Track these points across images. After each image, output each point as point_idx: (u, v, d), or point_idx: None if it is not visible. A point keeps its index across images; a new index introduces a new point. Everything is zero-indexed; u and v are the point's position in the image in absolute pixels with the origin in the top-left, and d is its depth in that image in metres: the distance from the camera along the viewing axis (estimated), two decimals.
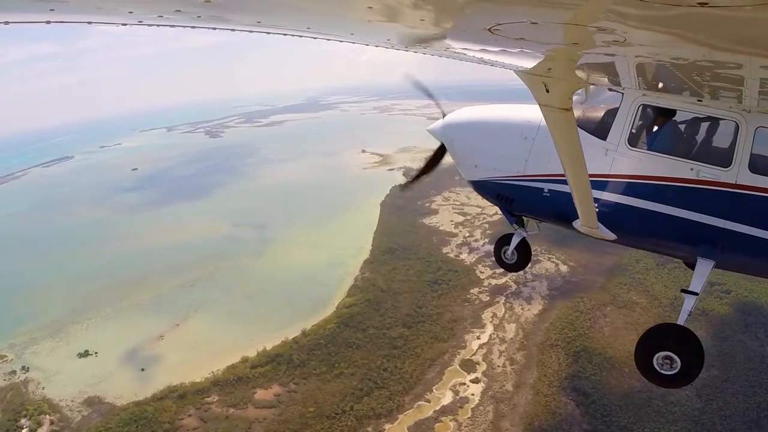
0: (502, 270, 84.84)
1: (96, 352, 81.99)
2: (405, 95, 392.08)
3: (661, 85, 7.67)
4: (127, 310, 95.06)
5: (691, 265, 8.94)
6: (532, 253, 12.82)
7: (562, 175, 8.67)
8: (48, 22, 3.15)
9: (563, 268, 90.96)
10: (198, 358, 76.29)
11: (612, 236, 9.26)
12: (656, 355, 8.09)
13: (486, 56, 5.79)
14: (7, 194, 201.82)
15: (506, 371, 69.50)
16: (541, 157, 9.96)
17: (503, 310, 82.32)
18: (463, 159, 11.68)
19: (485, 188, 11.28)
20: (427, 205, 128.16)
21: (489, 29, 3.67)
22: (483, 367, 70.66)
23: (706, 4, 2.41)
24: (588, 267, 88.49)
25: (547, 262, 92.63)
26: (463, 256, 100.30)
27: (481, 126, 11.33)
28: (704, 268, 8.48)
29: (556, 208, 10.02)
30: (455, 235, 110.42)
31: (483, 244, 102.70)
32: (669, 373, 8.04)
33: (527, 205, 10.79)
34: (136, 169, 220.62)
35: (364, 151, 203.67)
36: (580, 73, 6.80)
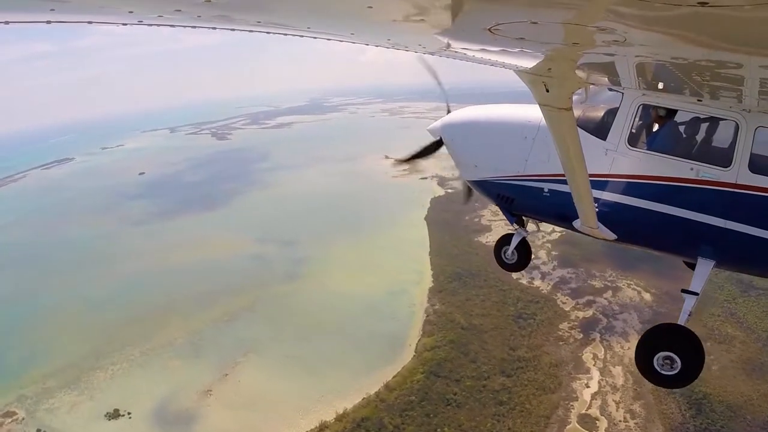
0: (585, 299, 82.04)
1: (128, 412, 67.24)
2: (412, 97, 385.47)
3: (661, 84, 7.69)
4: (158, 352, 79.91)
5: (692, 265, 9.00)
6: (619, 285, 12.36)
7: (562, 175, 8.68)
8: (48, 22, 3.15)
9: (646, 296, 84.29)
10: (262, 422, 63.15)
11: (612, 236, 9.30)
12: (657, 356, 8.15)
13: (486, 56, 5.82)
14: (5, 199, 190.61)
15: (630, 427, 62.03)
16: (541, 157, 10.00)
17: (602, 349, 74.42)
18: (463, 159, 11.73)
19: (485, 188, 11.32)
20: (476, 220, 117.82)
21: (489, 29, 3.68)
22: (604, 423, 62.74)
23: (706, 3, 2.40)
24: (671, 294, 79.60)
25: (628, 290, 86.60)
26: (537, 282, 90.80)
27: (481, 126, 11.35)
28: (704, 268, 8.54)
29: (557, 208, 10.06)
30: None
31: (553, 268, 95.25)
32: (669, 373, 8.10)
33: (527, 205, 10.82)
34: (143, 173, 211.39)
35: (387, 157, 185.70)
36: (580, 73, 6.82)
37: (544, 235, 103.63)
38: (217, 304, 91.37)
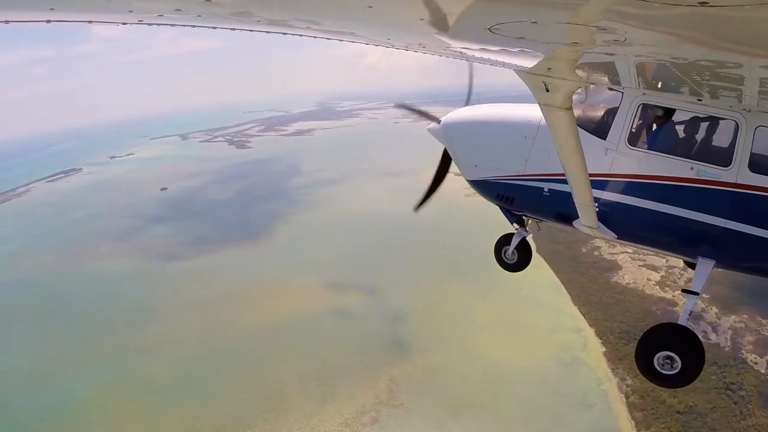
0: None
1: None
2: (425, 101, 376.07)
3: (661, 84, 7.75)
4: None
5: (692, 265, 9.17)
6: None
7: (563, 175, 8.76)
8: (48, 21, 3.13)
9: None
10: None
11: (612, 236, 9.38)
12: (657, 355, 8.18)
13: (486, 55, 5.82)
14: (9, 218, 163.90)
15: None
16: (542, 156, 10.08)
17: None
18: (463, 158, 11.77)
19: (485, 188, 11.37)
20: (596, 254, 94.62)
21: (489, 29, 3.67)
22: None
23: (706, 3, 2.40)
24: None
25: None
26: (713, 337, 74.06)
27: (481, 125, 11.41)
28: (705, 267, 8.62)
29: (557, 208, 10.18)
30: (672, 302, 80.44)
31: (718, 317, 76.99)
32: (669, 373, 8.16)
33: (527, 204, 10.92)
34: (166, 188, 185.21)
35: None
36: (580, 73, 6.85)
37: (681, 273, 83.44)
38: (337, 396, 64.94)
